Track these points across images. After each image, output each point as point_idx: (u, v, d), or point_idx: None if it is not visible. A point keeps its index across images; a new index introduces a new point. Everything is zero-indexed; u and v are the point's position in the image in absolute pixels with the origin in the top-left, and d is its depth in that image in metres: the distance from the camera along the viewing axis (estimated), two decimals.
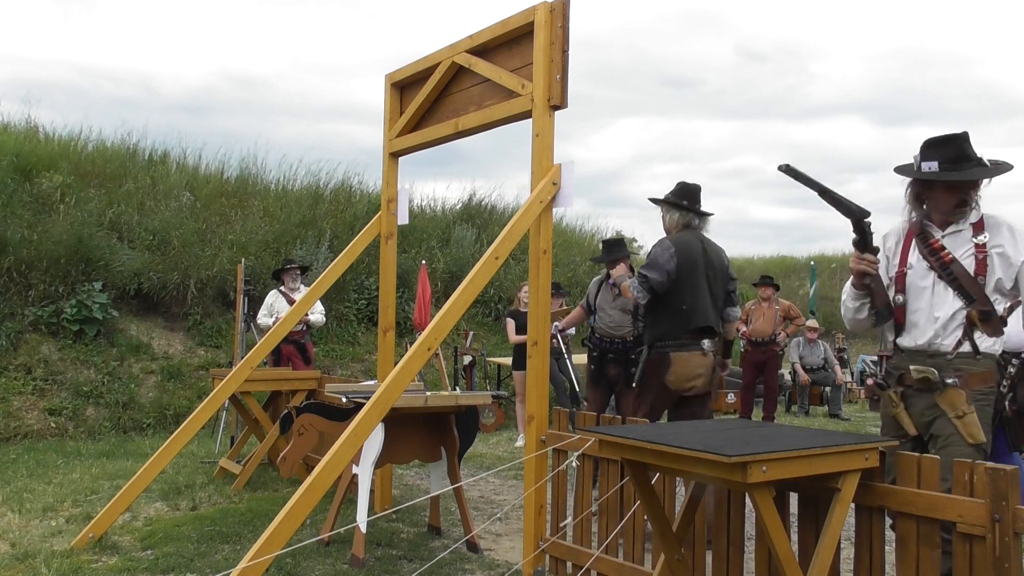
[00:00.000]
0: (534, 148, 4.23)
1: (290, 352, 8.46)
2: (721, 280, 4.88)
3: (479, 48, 4.64)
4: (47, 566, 4.20)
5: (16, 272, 9.33)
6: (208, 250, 10.82)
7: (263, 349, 5.65)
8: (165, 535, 4.79)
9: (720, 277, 4.87)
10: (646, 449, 2.69)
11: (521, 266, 12.85)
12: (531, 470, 4.12)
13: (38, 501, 5.61)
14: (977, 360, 3.04)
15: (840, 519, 2.69)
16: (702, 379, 4.69)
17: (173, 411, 9.23)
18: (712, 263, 4.83)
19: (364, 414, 3.58)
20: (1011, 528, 2.43)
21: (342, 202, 13.24)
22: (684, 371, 4.63)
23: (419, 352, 3.78)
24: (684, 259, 4.67)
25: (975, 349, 3.04)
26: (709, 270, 4.79)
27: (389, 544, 4.68)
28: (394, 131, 5.45)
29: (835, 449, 2.62)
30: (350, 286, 11.61)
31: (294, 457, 4.80)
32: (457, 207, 14.94)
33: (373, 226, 5.72)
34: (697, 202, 4.93)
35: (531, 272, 4.28)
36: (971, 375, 3.03)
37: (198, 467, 7.00)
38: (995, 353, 3.05)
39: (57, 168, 10.75)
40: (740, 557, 3.25)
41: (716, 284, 4.82)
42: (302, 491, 3.36)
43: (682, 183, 4.95)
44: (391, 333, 5.73)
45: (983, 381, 3.03)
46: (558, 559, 4.09)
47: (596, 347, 6.14)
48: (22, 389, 8.72)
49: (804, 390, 11.92)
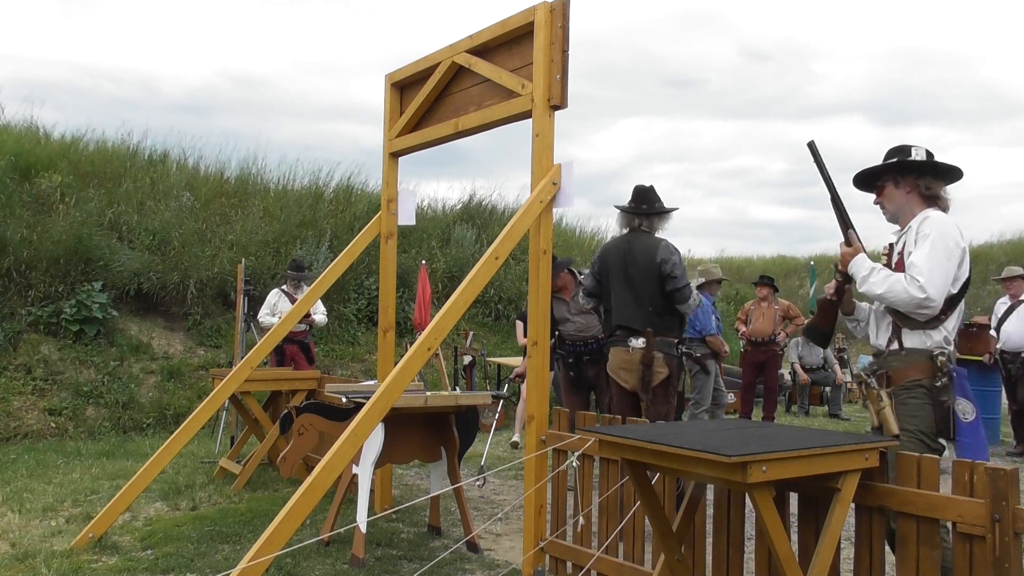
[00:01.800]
0: (534, 148, 4.23)
1: (293, 352, 8.48)
2: (648, 279, 4.83)
3: (479, 48, 4.64)
4: (47, 566, 4.20)
5: (16, 272, 9.33)
6: (208, 250, 10.82)
7: (263, 349, 5.65)
8: (165, 535, 4.79)
9: (647, 276, 4.83)
10: (646, 449, 2.69)
11: (521, 266, 12.85)
12: (531, 470, 4.12)
13: (38, 501, 5.61)
14: (903, 356, 3.18)
15: (840, 519, 2.69)
16: (629, 374, 4.85)
17: (173, 411, 9.23)
18: (637, 262, 4.86)
19: (364, 414, 3.58)
20: (1011, 528, 2.43)
21: (342, 202, 13.24)
22: (613, 363, 4.97)
23: (419, 352, 3.78)
24: (604, 263, 5.05)
25: (900, 346, 3.19)
26: (632, 269, 4.87)
27: (389, 544, 4.68)
28: (394, 131, 5.45)
29: (835, 449, 2.62)
30: (350, 286, 11.61)
31: (294, 457, 4.80)
32: (457, 207, 14.95)
33: (373, 226, 5.72)
34: (646, 202, 5.02)
35: (531, 272, 4.28)
36: (896, 371, 3.18)
37: (198, 467, 7.00)
38: (925, 348, 3.14)
39: (57, 168, 10.75)
40: (740, 557, 3.25)
41: (643, 284, 4.84)
42: (302, 491, 3.36)
43: (636, 187, 5.11)
44: (391, 333, 5.73)
45: (907, 376, 3.15)
46: (558, 559, 4.09)
47: (570, 353, 6.14)
48: (22, 389, 8.72)
49: (804, 390, 11.92)
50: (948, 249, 3.08)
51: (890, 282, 3.10)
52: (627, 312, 4.89)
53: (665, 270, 4.80)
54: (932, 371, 3.11)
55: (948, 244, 3.08)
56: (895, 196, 3.33)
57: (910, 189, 3.29)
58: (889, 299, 3.12)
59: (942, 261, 3.06)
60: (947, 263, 3.07)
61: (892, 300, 3.11)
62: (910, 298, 3.04)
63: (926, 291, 3.01)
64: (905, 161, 3.28)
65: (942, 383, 3.09)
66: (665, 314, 4.87)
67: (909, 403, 3.12)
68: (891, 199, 3.34)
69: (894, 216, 3.37)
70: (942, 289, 3.05)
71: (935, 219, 3.16)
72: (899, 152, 3.32)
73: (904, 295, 3.05)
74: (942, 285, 3.05)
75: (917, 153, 3.28)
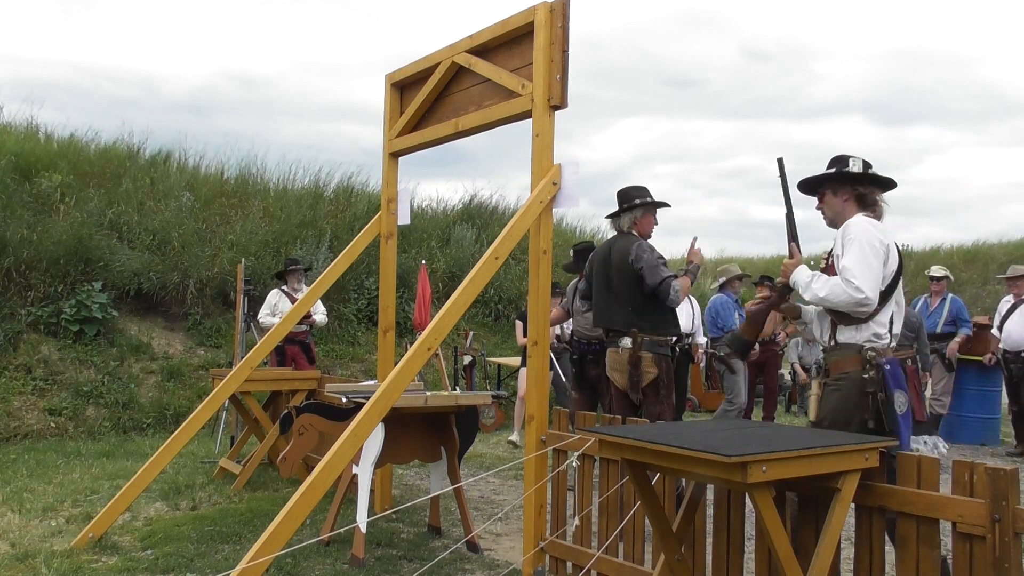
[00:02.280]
0: (534, 148, 4.23)
1: (295, 352, 8.48)
2: (626, 280, 4.88)
3: (479, 48, 4.64)
4: (47, 566, 4.20)
5: (16, 272, 9.33)
6: (208, 250, 10.81)
7: (263, 349, 5.65)
8: (165, 535, 4.79)
9: (624, 277, 4.88)
10: (646, 449, 2.69)
11: (521, 266, 12.85)
12: (531, 470, 4.12)
13: (38, 501, 5.61)
14: (837, 350, 3.47)
15: (840, 519, 2.69)
16: (620, 375, 4.93)
17: (173, 411, 9.22)
18: (615, 265, 4.95)
19: (364, 414, 3.58)
20: (1011, 528, 2.43)
21: (342, 202, 13.23)
22: (608, 364, 5.05)
23: (419, 352, 3.78)
24: (591, 267, 5.23)
25: (835, 342, 3.48)
26: (611, 272, 4.96)
27: (389, 544, 4.68)
28: (394, 131, 5.45)
29: (835, 449, 2.62)
30: (350, 286, 11.60)
31: (294, 457, 4.80)
32: (457, 207, 14.95)
33: (373, 226, 5.72)
34: (626, 201, 5.07)
35: (531, 272, 4.28)
36: (831, 364, 3.49)
37: (198, 467, 7.00)
38: (855, 343, 3.40)
39: (57, 168, 10.74)
40: (740, 557, 3.26)
41: (622, 286, 4.90)
42: (302, 491, 3.36)
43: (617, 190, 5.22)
44: (391, 333, 5.73)
45: (840, 368, 3.43)
46: (558, 559, 4.09)
47: (575, 350, 6.20)
48: (22, 389, 8.72)
49: (804, 390, 11.91)
50: (873, 249, 3.32)
51: (830, 285, 3.34)
52: (609, 315, 5.01)
53: (636, 267, 4.84)
54: (861, 364, 3.36)
55: (872, 244, 3.33)
56: (834, 203, 3.59)
57: (847, 197, 3.56)
58: (831, 301, 3.35)
59: (870, 262, 3.31)
60: (875, 262, 3.32)
61: (834, 302, 3.34)
62: (849, 298, 3.28)
63: (863, 291, 3.25)
64: (843, 172, 3.54)
65: (870, 375, 3.33)
66: (649, 313, 4.88)
67: (831, 395, 3.42)
68: (830, 206, 3.61)
69: (833, 221, 3.61)
70: (875, 287, 3.30)
71: (855, 225, 3.41)
72: (838, 162, 3.58)
73: (844, 296, 3.29)
74: (874, 283, 3.30)
75: (854, 164, 3.54)
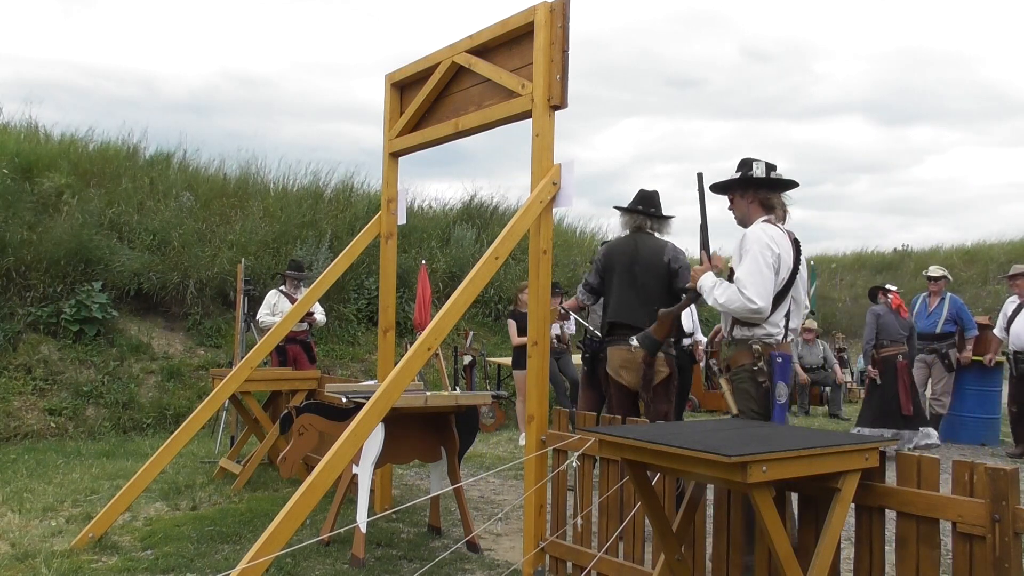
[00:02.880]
0: (534, 148, 4.23)
1: (296, 352, 8.48)
2: (654, 278, 4.90)
3: (479, 48, 4.64)
4: (47, 566, 4.20)
5: (16, 272, 9.33)
6: (208, 250, 10.82)
7: (263, 349, 5.65)
8: (165, 535, 4.79)
9: (652, 275, 4.90)
10: (646, 449, 2.69)
11: (521, 266, 12.86)
12: (531, 470, 4.11)
13: (38, 501, 5.61)
14: (734, 345, 3.78)
15: (840, 519, 2.69)
16: (631, 373, 4.90)
17: (173, 411, 9.23)
18: (642, 262, 4.94)
19: (364, 414, 3.58)
20: (1011, 528, 2.43)
21: (342, 202, 13.24)
22: (613, 363, 4.99)
23: (419, 352, 3.78)
24: (608, 261, 5.11)
25: (732, 337, 3.78)
26: (637, 268, 4.95)
27: (389, 544, 4.68)
28: (394, 131, 5.45)
29: (835, 449, 2.62)
30: (350, 286, 11.61)
31: (294, 457, 4.80)
32: (457, 207, 14.95)
33: (373, 226, 5.72)
34: (653, 206, 5.11)
35: (531, 272, 4.28)
36: (730, 358, 3.80)
37: (198, 467, 7.00)
38: (748, 338, 3.70)
39: (57, 168, 10.75)
40: (740, 557, 3.26)
41: (647, 284, 4.90)
42: (302, 491, 3.36)
43: (641, 190, 5.20)
44: (391, 333, 5.73)
45: (737, 362, 3.75)
46: (558, 559, 4.09)
47: (588, 348, 6.14)
48: (22, 389, 8.72)
49: (804, 390, 11.91)
50: (765, 259, 3.59)
51: (728, 293, 3.61)
52: (632, 311, 4.94)
53: (674, 266, 4.90)
54: (753, 357, 3.67)
55: (764, 254, 3.60)
56: (740, 205, 3.88)
57: (752, 200, 3.83)
58: (729, 308, 3.64)
59: (763, 271, 3.58)
60: (767, 271, 3.60)
61: (731, 309, 3.64)
62: (743, 307, 3.58)
63: (755, 302, 3.55)
64: (746, 177, 3.81)
65: (759, 367, 3.65)
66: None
67: (740, 387, 3.71)
68: (738, 208, 3.90)
69: (741, 221, 3.87)
70: (767, 296, 3.58)
71: (750, 236, 3.67)
72: (744, 166, 3.83)
73: (738, 304, 3.58)
74: (766, 293, 3.58)
75: (758, 168, 3.81)
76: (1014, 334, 8.28)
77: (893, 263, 23.35)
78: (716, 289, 3.67)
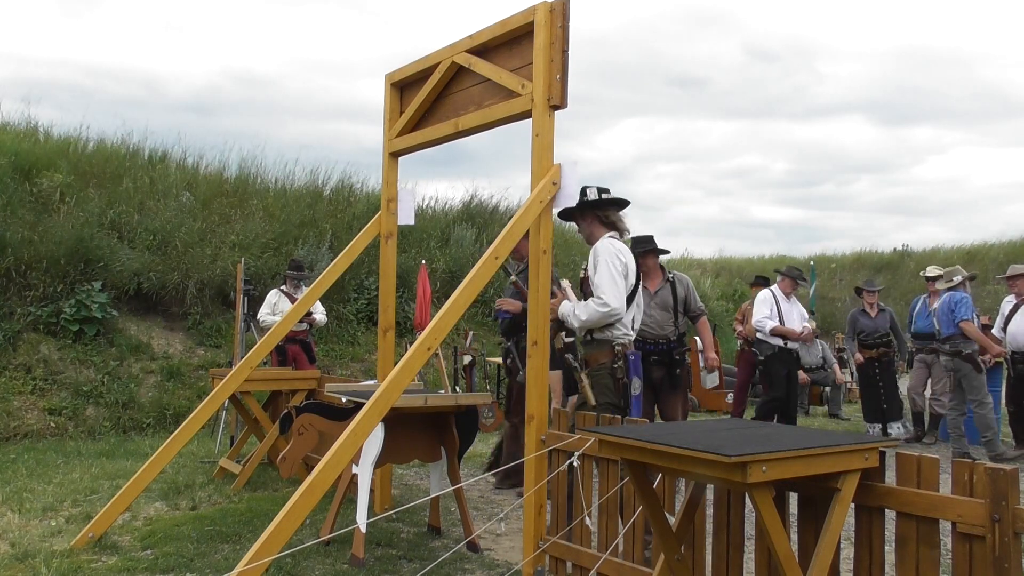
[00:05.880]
0: (534, 148, 4.23)
1: (296, 352, 8.49)
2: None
3: (479, 48, 4.64)
4: (47, 566, 4.20)
5: (16, 272, 9.33)
6: (208, 250, 10.81)
7: (263, 349, 5.64)
8: (165, 535, 4.79)
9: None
10: (646, 449, 2.69)
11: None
12: (531, 470, 4.11)
13: (38, 501, 5.60)
14: (593, 345, 4.25)
15: (840, 519, 2.69)
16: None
17: (173, 411, 9.23)
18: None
19: (364, 414, 3.58)
20: (1011, 528, 2.43)
21: (342, 202, 13.24)
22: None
23: (419, 352, 3.78)
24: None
25: (592, 338, 4.25)
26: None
27: (389, 544, 4.68)
28: (394, 131, 5.45)
29: (835, 449, 2.62)
30: (350, 286, 11.61)
31: (294, 457, 4.80)
32: (457, 207, 14.95)
33: (373, 226, 5.72)
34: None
35: (531, 272, 4.27)
36: (590, 356, 4.27)
37: (198, 467, 7.00)
38: (606, 339, 4.19)
39: (57, 168, 10.74)
40: (740, 557, 3.25)
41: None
42: (302, 491, 3.36)
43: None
44: (391, 333, 5.72)
45: (597, 360, 4.23)
46: (558, 559, 4.09)
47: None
48: (22, 389, 8.72)
49: (804, 390, 11.90)
50: (616, 267, 4.14)
51: (588, 310, 4.14)
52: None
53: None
54: (612, 356, 4.18)
55: (615, 263, 4.15)
56: (583, 225, 4.49)
57: (591, 220, 4.43)
58: (591, 323, 4.15)
59: (615, 278, 4.12)
60: (619, 279, 4.14)
61: (593, 322, 4.14)
62: (600, 315, 4.10)
63: (609, 304, 4.07)
64: (582, 201, 4.31)
65: (618, 364, 4.16)
66: None
67: (599, 381, 4.16)
68: (582, 228, 4.52)
69: (587, 239, 4.46)
70: (620, 298, 4.12)
71: (601, 248, 4.22)
72: (581, 194, 4.31)
73: (596, 315, 4.10)
74: (620, 295, 4.12)
75: (591, 193, 4.38)
76: (1011, 335, 8.25)
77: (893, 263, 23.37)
78: (577, 310, 4.18)
